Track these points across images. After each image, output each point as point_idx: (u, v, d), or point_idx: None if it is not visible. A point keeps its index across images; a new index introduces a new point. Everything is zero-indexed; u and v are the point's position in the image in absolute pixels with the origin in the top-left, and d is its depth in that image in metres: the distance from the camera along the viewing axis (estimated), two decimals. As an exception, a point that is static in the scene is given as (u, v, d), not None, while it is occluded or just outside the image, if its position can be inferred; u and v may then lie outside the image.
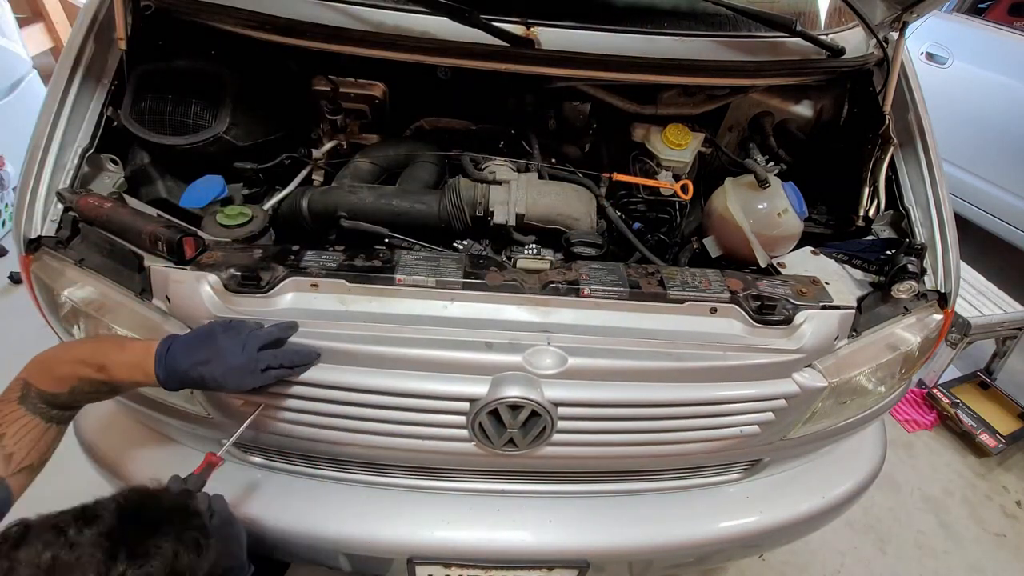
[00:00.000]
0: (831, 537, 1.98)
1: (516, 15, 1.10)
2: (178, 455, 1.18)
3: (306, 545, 1.12)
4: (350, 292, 0.92)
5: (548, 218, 1.16)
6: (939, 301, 1.11)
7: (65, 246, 0.99)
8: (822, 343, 0.97)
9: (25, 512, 0.70)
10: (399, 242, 1.13)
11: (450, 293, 0.93)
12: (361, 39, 1.09)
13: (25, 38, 3.24)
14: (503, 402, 0.91)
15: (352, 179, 1.27)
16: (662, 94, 1.35)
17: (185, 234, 0.92)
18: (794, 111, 1.42)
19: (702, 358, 0.93)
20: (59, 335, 1.07)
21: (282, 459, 1.14)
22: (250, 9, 1.09)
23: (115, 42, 1.12)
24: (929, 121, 1.25)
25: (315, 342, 0.89)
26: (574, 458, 1.04)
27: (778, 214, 1.13)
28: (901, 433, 2.45)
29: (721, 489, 1.23)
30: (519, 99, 1.39)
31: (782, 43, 1.20)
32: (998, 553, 2.05)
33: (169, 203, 1.15)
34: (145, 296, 0.93)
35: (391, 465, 1.12)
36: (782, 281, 1.02)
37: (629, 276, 0.97)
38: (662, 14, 1.22)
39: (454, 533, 1.11)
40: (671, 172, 1.29)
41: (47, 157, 1.03)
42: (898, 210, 1.21)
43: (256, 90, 1.24)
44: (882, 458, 1.36)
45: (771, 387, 0.98)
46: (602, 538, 1.14)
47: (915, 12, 1.16)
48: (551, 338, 0.92)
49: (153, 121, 1.15)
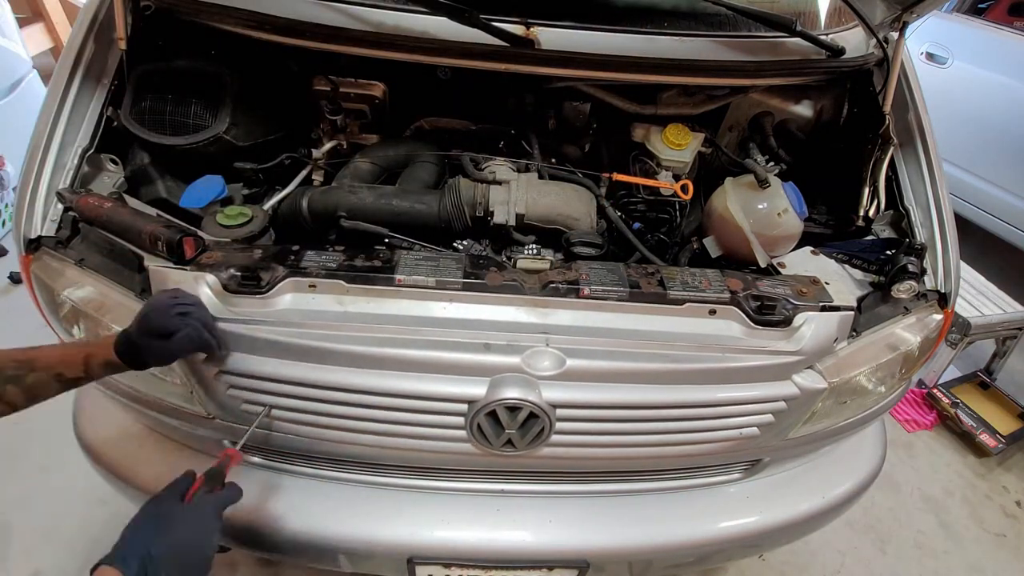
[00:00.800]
0: (831, 537, 1.98)
1: (516, 15, 1.10)
2: (178, 455, 1.18)
3: (306, 545, 1.12)
4: (349, 292, 0.92)
5: (548, 218, 1.16)
6: (939, 301, 1.11)
7: (65, 246, 0.99)
8: (822, 345, 0.97)
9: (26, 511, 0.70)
10: (399, 242, 1.13)
11: (449, 294, 0.93)
12: (361, 39, 1.09)
13: (25, 38, 3.24)
14: (501, 403, 0.90)
15: (352, 179, 1.27)
16: (662, 94, 1.35)
17: (185, 234, 0.92)
18: (794, 111, 1.42)
19: (701, 360, 0.93)
20: (59, 335, 1.07)
21: (282, 459, 1.14)
22: (250, 9, 1.09)
23: (115, 42, 1.13)
24: (929, 121, 1.25)
25: (315, 342, 0.89)
26: (572, 459, 1.04)
27: (778, 214, 1.13)
28: (901, 433, 2.45)
29: (721, 489, 1.22)
30: (519, 99, 1.39)
31: (782, 43, 1.20)
32: (998, 553, 2.05)
33: (169, 203, 1.15)
34: (145, 296, 0.93)
35: (391, 465, 1.12)
36: (782, 281, 1.02)
37: (629, 276, 0.97)
38: (662, 14, 1.23)
39: (454, 533, 1.11)
40: (671, 172, 1.29)
41: (47, 157, 1.03)
42: (898, 210, 1.21)
43: (256, 90, 1.24)
44: (882, 458, 1.36)
45: (770, 389, 0.98)
46: (602, 538, 1.14)
47: (915, 12, 1.16)
48: (550, 339, 0.92)
49: (153, 121, 1.15)
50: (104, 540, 1.75)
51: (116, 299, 0.95)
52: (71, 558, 1.71)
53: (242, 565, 1.74)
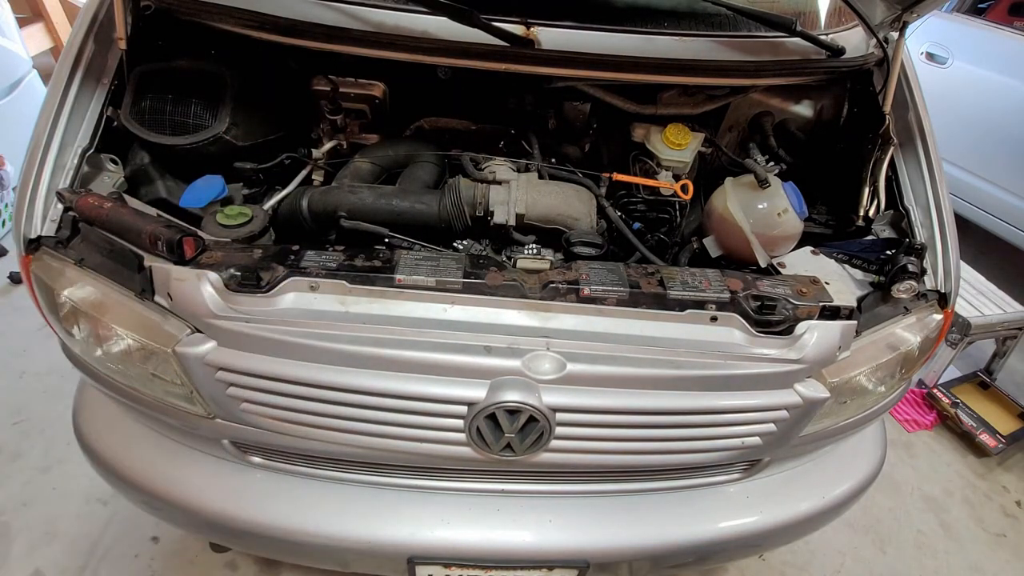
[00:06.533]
0: (831, 537, 1.98)
1: (516, 15, 1.10)
2: (178, 455, 1.18)
3: (306, 545, 1.12)
4: (350, 293, 0.92)
5: (548, 218, 1.16)
6: (939, 301, 1.11)
7: (65, 246, 0.99)
8: (824, 354, 0.95)
9: (26, 511, 0.70)
10: (399, 242, 1.13)
11: (451, 296, 0.93)
12: (361, 39, 1.09)
13: (25, 38, 3.24)
14: (501, 406, 0.90)
15: (352, 179, 1.27)
16: (662, 94, 1.35)
17: (185, 234, 0.92)
18: (794, 111, 1.43)
19: (702, 367, 0.93)
20: (59, 335, 1.07)
21: (282, 459, 1.14)
22: (250, 9, 1.09)
23: (115, 42, 1.13)
24: (929, 121, 1.25)
25: (316, 342, 0.89)
26: (571, 464, 1.04)
27: (778, 214, 1.13)
28: (901, 433, 2.45)
29: (721, 489, 1.22)
30: (519, 99, 1.39)
31: (782, 43, 1.20)
32: (998, 553, 2.05)
33: (169, 203, 1.15)
34: (145, 296, 0.93)
35: (391, 465, 1.12)
36: (782, 281, 1.02)
37: (629, 276, 0.97)
38: (662, 14, 1.23)
39: (454, 533, 1.11)
40: (671, 172, 1.29)
41: (47, 157, 1.03)
42: (898, 210, 1.21)
43: (256, 90, 1.24)
44: (882, 458, 1.36)
45: (772, 397, 0.97)
46: (602, 538, 1.14)
47: (915, 12, 1.16)
48: (550, 343, 0.91)
49: (153, 121, 1.15)
50: (104, 540, 1.75)
51: (116, 299, 0.95)
52: (71, 558, 1.71)
53: (242, 565, 1.75)
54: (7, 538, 1.74)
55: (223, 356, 0.91)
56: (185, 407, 1.02)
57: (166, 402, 1.03)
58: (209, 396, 0.97)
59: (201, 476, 1.15)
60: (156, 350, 0.93)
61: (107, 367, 1.03)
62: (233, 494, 1.13)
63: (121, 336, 0.96)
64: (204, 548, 1.76)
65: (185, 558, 1.76)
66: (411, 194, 1.19)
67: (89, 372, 1.08)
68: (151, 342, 0.93)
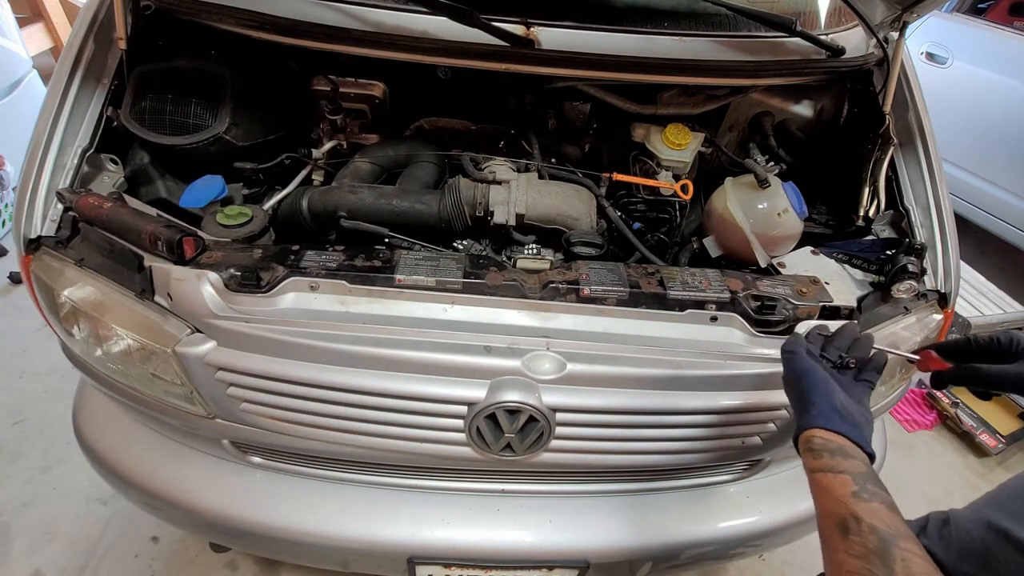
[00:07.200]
0: (831, 537, 1.97)
1: (516, 15, 1.10)
2: (178, 455, 1.18)
3: (306, 545, 1.12)
4: (350, 293, 0.92)
5: (548, 218, 1.16)
6: (939, 301, 1.11)
7: (65, 246, 0.99)
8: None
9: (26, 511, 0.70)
10: (399, 242, 1.13)
11: (450, 296, 0.93)
12: (361, 39, 1.09)
13: (25, 38, 3.24)
14: (501, 406, 0.90)
15: (352, 179, 1.27)
16: (662, 94, 1.35)
17: (185, 234, 0.92)
18: (794, 111, 1.43)
19: (702, 366, 0.93)
20: (59, 335, 1.07)
21: (282, 459, 1.14)
22: (250, 9, 1.09)
23: (115, 42, 1.12)
24: (929, 121, 1.25)
25: (316, 342, 0.89)
26: (571, 464, 1.04)
27: (778, 214, 1.13)
28: (901, 433, 2.45)
29: (721, 489, 1.22)
30: (519, 99, 1.39)
31: (782, 43, 1.20)
32: (998, 553, 2.05)
33: (169, 203, 1.15)
34: (145, 296, 0.93)
35: (391, 465, 1.12)
36: (782, 281, 1.02)
37: (629, 276, 0.97)
38: (662, 14, 1.23)
39: (454, 533, 1.11)
40: (671, 172, 1.29)
41: (47, 157, 1.03)
42: (898, 210, 1.20)
43: (256, 90, 1.24)
44: (882, 458, 1.36)
45: (772, 397, 0.97)
46: (602, 538, 1.14)
47: (915, 12, 1.16)
48: (550, 343, 0.91)
49: (153, 121, 1.15)
50: (104, 540, 1.75)
51: (116, 299, 0.95)
52: (71, 558, 1.71)
53: (242, 565, 1.75)
54: (7, 538, 1.74)
55: (223, 356, 0.91)
56: (185, 407, 1.02)
57: (166, 402, 1.03)
58: (209, 396, 0.97)
59: (201, 476, 1.15)
60: (156, 350, 0.93)
61: (107, 367, 1.03)
62: (233, 494, 1.13)
63: (121, 336, 0.96)
64: (204, 548, 1.76)
65: (185, 558, 1.76)
66: (411, 194, 1.19)
67: (89, 372, 1.08)
68: (151, 342, 0.93)
